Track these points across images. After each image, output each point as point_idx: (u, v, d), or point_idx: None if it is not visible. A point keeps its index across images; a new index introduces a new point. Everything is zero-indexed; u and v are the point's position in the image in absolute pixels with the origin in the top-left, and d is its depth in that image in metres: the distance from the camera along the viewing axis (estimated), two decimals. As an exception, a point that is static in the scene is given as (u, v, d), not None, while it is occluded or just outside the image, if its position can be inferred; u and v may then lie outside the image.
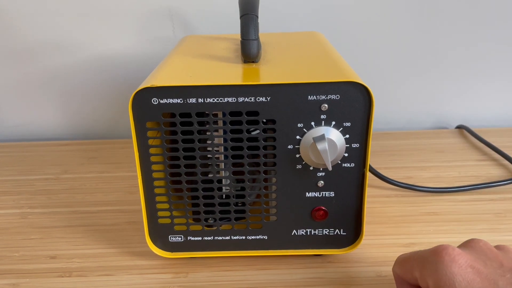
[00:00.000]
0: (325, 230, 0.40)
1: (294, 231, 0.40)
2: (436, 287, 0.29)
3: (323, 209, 0.39)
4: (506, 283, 0.28)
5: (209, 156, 0.38)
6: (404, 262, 0.33)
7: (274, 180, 0.39)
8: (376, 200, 0.52)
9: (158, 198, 0.39)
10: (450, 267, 0.29)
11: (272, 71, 0.39)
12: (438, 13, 0.68)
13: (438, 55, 0.71)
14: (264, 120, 0.36)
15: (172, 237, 0.41)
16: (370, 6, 0.68)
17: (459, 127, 0.73)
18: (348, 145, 0.37)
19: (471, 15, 0.68)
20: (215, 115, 0.37)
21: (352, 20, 0.68)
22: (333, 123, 0.36)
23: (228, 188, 0.39)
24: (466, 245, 0.32)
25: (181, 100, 0.35)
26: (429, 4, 0.68)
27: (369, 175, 0.39)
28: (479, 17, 0.68)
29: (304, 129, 0.36)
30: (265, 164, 0.38)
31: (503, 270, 0.29)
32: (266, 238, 0.41)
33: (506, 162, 0.60)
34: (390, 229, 0.47)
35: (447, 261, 0.29)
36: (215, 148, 0.38)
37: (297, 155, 0.37)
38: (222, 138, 0.37)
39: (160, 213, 0.40)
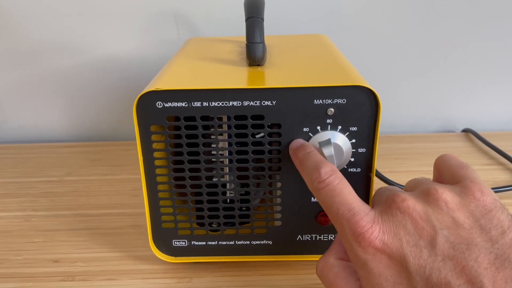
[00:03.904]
0: (331, 235, 0.40)
1: (299, 236, 0.40)
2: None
3: (328, 214, 0.39)
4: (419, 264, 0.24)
5: (213, 160, 0.38)
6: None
7: (279, 184, 0.38)
8: (382, 205, 0.51)
9: (162, 202, 0.39)
10: (363, 250, 0.26)
11: (277, 75, 0.38)
12: (443, 15, 0.68)
13: (443, 58, 0.70)
14: (269, 124, 0.36)
15: (176, 241, 0.41)
16: (375, 9, 0.67)
17: (465, 130, 0.72)
18: (354, 150, 0.36)
19: (477, 16, 0.68)
20: (220, 119, 0.36)
21: (357, 23, 0.68)
22: (339, 127, 0.36)
23: (232, 192, 0.39)
24: (389, 206, 0.27)
25: (185, 104, 0.35)
26: (434, 6, 0.67)
27: (375, 180, 0.39)
28: (485, 19, 0.68)
29: (310, 134, 0.36)
30: (270, 168, 0.37)
31: (420, 245, 0.25)
32: (271, 243, 0.40)
33: (513, 166, 0.60)
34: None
35: (362, 242, 0.26)
36: (220, 152, 0.38)
37: (303, 160, 0.37)
38: (226, 142, 0.37)
39: (164, 217, 0.40)
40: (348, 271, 0.29)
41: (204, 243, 0.41)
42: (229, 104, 0.35)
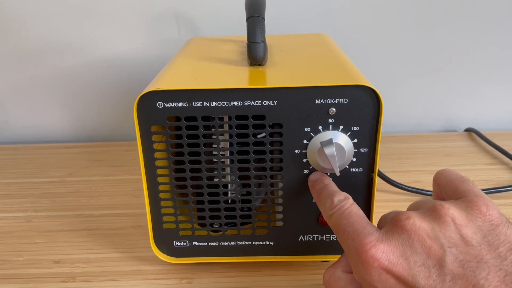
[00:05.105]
0: (333, 236, 0.40)
1: (301, 236, 0.40)
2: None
3: (330, 215, 0.39)
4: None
5: (214, 160, 0.37)
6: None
7: (280, 185, 0.38)
8: (384, 205, 0.51)
9: (163, 203, 0.39)
10: (368, 270, 0.26)
11: (279, 74, 0.38)
12: (445, 14, 0.67)
13: (446, 57, 0.70)
14: (271, 124, 0.36)
15: (177, 242, 0.40)
16: (377, 9, 0.67)
17: (468, 130, 0.72)
18: (356, 150, 0.36)
19: (479, 16, 0.67)
20: (221, 119, 0.36)
21: (358, 22, 0.68)
22: (341, 127, 0.35)
23: (233, 192, 0.39)
24: (394, 225, 0.27)
25: (186, 104, 0.35)
26: (436, 5, 0.67)
27: (377, 180, 0.39)
28: (487, 18, 0.67)
29: (311, 134, 0.36)
30: (271, 168, 0.37)
31: (429, 265, 0.24)
32: (273, 243, 0.40)
33: (516, 166, 0.59)
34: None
35: (366, 261, 0.25)
36: (221, 153, 0.38)
37: (304, 160, 0.37)
38: (228, 142, 0.37)
39: (165, 218, 0.39)
40: (354, 285, 0.29)
41: (205, 243, 0.40)
42: (230, 104, 0.35)
